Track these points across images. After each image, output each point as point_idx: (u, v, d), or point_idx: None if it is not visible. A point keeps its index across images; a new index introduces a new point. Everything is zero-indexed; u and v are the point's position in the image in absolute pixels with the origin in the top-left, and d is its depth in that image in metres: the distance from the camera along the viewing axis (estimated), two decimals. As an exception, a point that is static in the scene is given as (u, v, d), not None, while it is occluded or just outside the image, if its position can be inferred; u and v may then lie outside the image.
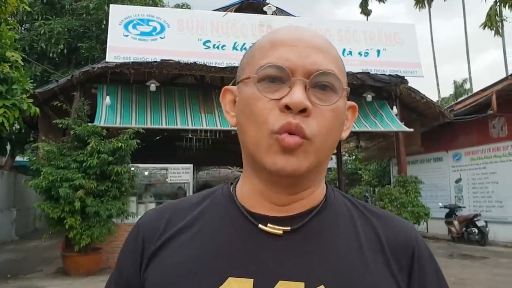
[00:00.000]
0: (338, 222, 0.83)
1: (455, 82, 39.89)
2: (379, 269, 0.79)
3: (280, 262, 0.77)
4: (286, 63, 0.75)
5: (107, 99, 10.14)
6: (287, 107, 0.73)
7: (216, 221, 0.83)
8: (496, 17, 29.56)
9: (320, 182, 0.86)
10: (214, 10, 12.33)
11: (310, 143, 0.75)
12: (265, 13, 12.29)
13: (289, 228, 0.79)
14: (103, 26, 14.37)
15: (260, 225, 0.80)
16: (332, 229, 0.82)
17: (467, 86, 36.62)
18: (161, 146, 15.65)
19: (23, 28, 16.39)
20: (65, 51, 14.90)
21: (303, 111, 0.73)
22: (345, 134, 0.85)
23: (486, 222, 12.51)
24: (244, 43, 11.32)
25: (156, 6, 16.60)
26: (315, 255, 0.78)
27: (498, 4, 29.12)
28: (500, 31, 30.24)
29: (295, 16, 13.20)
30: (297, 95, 0.73)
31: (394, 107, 11.96)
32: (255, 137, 0.77)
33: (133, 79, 10.33)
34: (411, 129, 11.79)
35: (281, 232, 0.79)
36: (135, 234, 0.88)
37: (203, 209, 0.86)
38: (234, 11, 12.24)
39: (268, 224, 0.80)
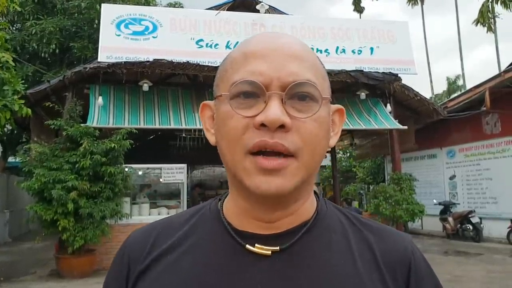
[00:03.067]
0: (330, 239, 0.79)
1: (448, 78, 40.06)
2: None
3: (268, 286, 0.72)
4: (259, 77, 0.71)
5: (100, 99, 10.07)
6: (263, 125, 0.69)
7: (202, 241, 0.79)
8: (489, 13, 29.70)
9: (309, 194, 0.81)
10: (207, 9, 12.28)
11: (296, 160, 0.71)
12: (258, 11, 12.26)
13: (277, 248, 0.75)
14: (95, 26, 14.28)
15: (247, 245, 0.76)
16: (324, 247, 0.78)
17: (460, 82, 36.81)
18: (155, 145, 15.58)
19: (14, 28, 16.25)
20: (57, 51, 14.77)
21: (282, 127, 0.69)
22: (333, 141, 0.81)
23: (480, 218, 12.58)
24: (237, 42, 11.25)
25: (149, 5, 16.52)
26: (306, 277, 0.73)
27: (490, 0, 29.25)
28: (493, 27, 30.38)
29: (288, 14, 13.18)
30: (272, 110, 0.68)
31: (388, 105, 11.97)
32: (231, 157, 0.73)
33: (126, 79, 10.27)
34: (405, 127, 11.81)
35: (270, 252, 0.75)
36: (121, 254, 0.85)
37: (190, 228, 0.82)
38: (227, 10, 12.20)
39: (256, 244, 0.75)
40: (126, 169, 9.61)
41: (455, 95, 20.58)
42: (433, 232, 14.20)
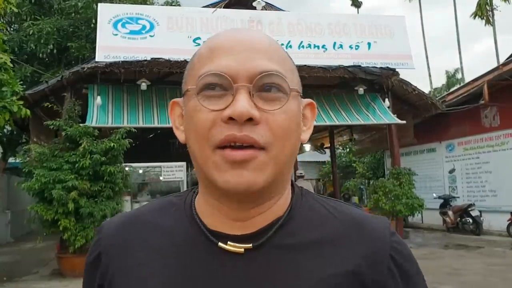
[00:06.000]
0: (303, 236, 0.76)
1: (447, 72, 40.09)
2: (348, 286, 0.73)
3: (241, 286, 0.72)
4: (226, 69, 0.70)
5: (98, 99, 10.08)
6: (232, 118, 0.68)
7: (176, 240, 0.77)
8: (487, 6, 29.61)
9: (284, 189, 0.78)
10: (204, 7, 12.27)
11: (266, 152, 0.69)
12: (254, 8, 12.24)
13: (250, 245, 0.73)
14: (92, 25, 14.25)
15: (220, 243, 0.74)
16: (298, 242, 0.75)
17: (459, 76, 36.83)
18: (154, 144, 15.61)
19: (11, 29, 16.26)
20: (55, 51, 14.76)
21: (250, 120, 0.68)
22: (306, 136, 0.79)
23: (480, 211, 12.61)
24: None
25: (145, 4, 16.49)
26: (278, 275, 0.72)
27: (488, -7, 29.19)
28: (491, 20, 30.30)
29: (284, 10, 13.16)
30: (240, 103, 0.67)
31: (386, 100, 11.97)
32: (200, 153, 0.72)
33: (124, 78, 10.26)
34: (404, 121, 11.82)
35: (243, 250, 0.73)
36: (96, 251, 0.86)
37: (164, 223, 0.80)
38: (223, 7, 12.19)
39: (229, 242, 0.73)
40: (126, 168, 9.63)
41: (454, 88, 20.59)
42: (433, 225, 14.24)
